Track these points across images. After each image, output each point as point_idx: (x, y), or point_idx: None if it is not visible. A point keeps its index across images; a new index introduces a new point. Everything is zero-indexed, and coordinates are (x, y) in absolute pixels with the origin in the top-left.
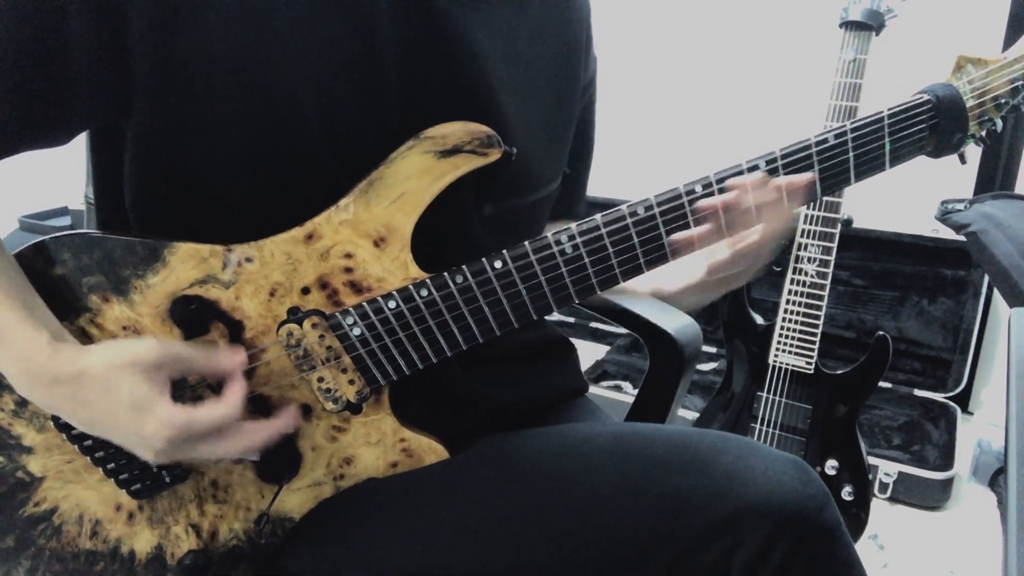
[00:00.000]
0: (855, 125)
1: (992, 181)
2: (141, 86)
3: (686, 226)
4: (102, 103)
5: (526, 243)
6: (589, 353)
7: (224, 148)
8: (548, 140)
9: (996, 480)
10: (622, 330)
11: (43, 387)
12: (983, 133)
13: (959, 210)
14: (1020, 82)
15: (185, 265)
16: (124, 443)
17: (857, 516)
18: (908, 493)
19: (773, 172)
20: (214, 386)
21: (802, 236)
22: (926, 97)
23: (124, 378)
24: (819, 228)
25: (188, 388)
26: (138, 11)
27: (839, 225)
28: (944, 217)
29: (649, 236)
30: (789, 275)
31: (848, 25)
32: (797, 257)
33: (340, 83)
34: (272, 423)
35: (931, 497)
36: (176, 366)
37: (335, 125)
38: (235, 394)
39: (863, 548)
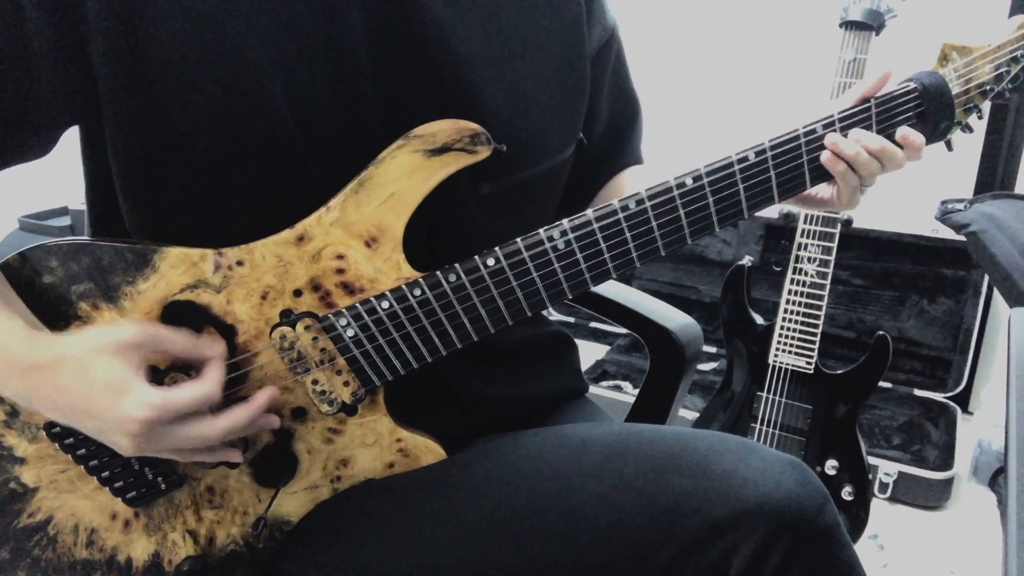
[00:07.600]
0: (843, 115)
1: (992, 181)
2: (106, 85)
3: (676, 219)
4: (71, 106)
5: (518, 240)
6: (589, 353)
7: (198, 146)
8: (549, 111)
9: (996, 480)
10: (622, 330)
11: (19, 375)
12: (967, 120)
13: (959, 210)
14: (1004, 68)
15: (176, 270)
16: (99, 431)
17: (857, 516)
18: (908, 493)
19: (762, 163)
20: (190, 375)
21: (802, 236)
22: (912, 85)
23: (100, 359)
24: (819, 228)
25: (164, 375)
26: (94, 8)
27: (839, 225)
28: (944, 217)
29: (641, 230)
30: (789, 275)
31: (848, 25)
32: (797, 257)
33: (309, 72)
34: (250, 403)
35: (931, 497)
36: (154, 347)
37: (309, 116)
38: (214, 375)
39: (863, 548)
